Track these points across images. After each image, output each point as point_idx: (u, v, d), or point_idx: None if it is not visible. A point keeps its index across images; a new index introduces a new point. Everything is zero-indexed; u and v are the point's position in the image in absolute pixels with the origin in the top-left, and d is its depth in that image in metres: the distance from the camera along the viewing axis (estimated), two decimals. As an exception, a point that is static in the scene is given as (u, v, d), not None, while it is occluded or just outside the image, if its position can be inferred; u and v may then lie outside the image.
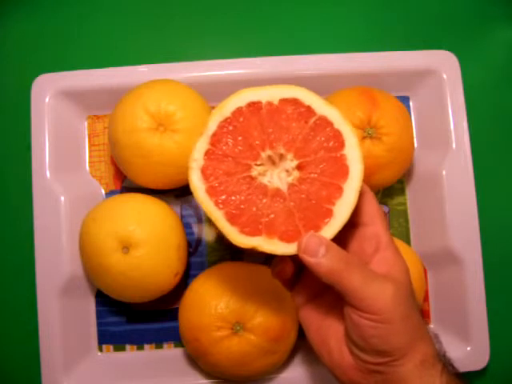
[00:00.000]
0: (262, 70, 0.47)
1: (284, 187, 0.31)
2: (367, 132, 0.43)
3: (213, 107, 0.49)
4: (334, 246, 0.30)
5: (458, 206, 0.45)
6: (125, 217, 0.42)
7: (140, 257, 0.41)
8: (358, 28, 0.53)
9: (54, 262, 0.44)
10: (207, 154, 0.31)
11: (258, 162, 0.31)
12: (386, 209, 0.50)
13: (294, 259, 0.33)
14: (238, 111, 0.31)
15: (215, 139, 0.31)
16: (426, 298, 0.49)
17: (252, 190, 0.31)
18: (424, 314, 0.49)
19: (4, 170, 0.50)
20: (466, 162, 0.46)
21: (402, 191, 0.50)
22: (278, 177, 0.31)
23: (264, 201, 0.31)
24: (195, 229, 0.49)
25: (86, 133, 0.50)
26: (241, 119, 0.31)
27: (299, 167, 0.31)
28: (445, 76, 0.47)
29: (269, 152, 0.31)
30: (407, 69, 0.48)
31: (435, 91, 0.48)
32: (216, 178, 0.31)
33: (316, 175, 0.31)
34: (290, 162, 0.31)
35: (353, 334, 0.30)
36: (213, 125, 0.31)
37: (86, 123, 0.50)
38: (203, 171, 0.31)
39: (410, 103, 0.51)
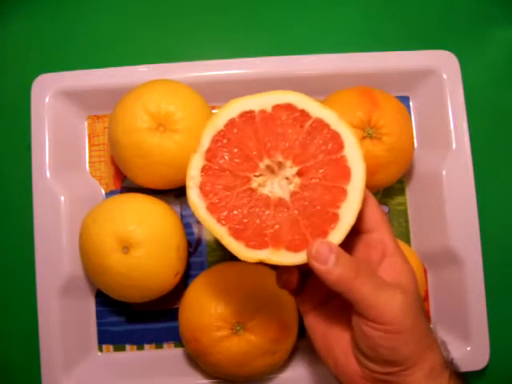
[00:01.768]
0: (261, 69, 0.47)
1: (286, 196, 0.30)
2: (367, 132, 0.43)
3: (213, 107, 0.49)
4: (344, 253, 0.29)
5: (458, 205, 0.45)
6: (125, 217, 0.42)
7: (140, 257, 0.41)
8: (358, 28, 0.53)
9: (54, 262, 0.44)
10: (204, 170, 0.31)
11: (257, 173, 0.31)
12: (385, 209, 0.50)
13: (299, 267, 0.33)
14: (231, 123, 0.31)
15: (210, 154, 0.31)
16: (426, 298, 0.49)
17: (254, 203, 0.30)
18: (424, 314, 0.49)
19: (4, 170, 0.50)
20: (466, 161, 0.46)
21: (402, 191, 0.50)
22: (279, 185, 0.31)
23: (267, 212, 0.30)
24: (195, 229, 0.49)
25: (86, 133, 0.50)
26: (234, 131, 0.31)
27: (300, 173, 0.30)
28: (445, 76, 0.47)
29: (267, 161, 0.31)
30: (407, 69, 0.48)
31: (435, 91, 0.47)
32: (215, 194, 0.30)
33: (318, 180, 0.30)
34: (290, 169, 0.31)
35: (361, 344, 0.30)
36: (206, 140, 0.31)
37: (85, 123, 0.50)
38: (202, 188, 0.30)
39: (410, 103, 0.51)
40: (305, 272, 0.34)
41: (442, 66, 0.47)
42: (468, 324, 0.45)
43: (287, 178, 0.31)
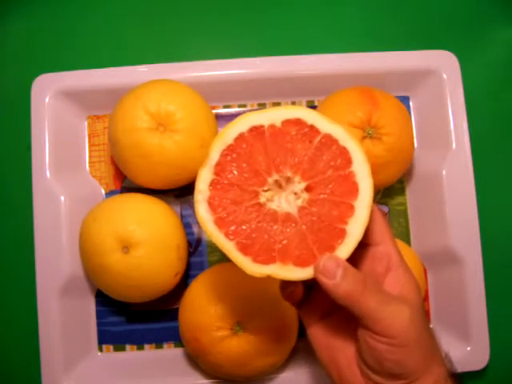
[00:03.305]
0: (261, 69, 0.47)
1: (294, 211, 0.30)
2: (367, 132, 0.43)
3: (213, 107, 0.49)
4: (351, 268, 0.29)
5: (458, 206, 0.45)
6: (125, 217, 0.42)
7: (140, 257, 0.41)
8: (358, 28, 0.53)
9: (54, 262, 0.44)
10: (212, 184, 0.31)
11: (265, 188, 0.31)
12: (385, 209, 0.50)
13: (304, 280, 0.33)
14: (241, 137, 0.31)
15: (219, 168, 0.31)
16: (426, 298, 0.49)
17: (262, 217, 0.30)
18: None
19: (4, 170, 0.50)
20: (466, 161, 0.46)
21: (402, 191, 0.50)
22: (286, 200, 0.31)
23: (275, 227, 0.30)
24: (195, 229, 0.49)
25: (86, 133, 0.50)
26: (244, 145, 0.31)
27: (308, 189, 0.30)
28: (445, 76, 0.47)
29: (275, 176, 0.31)
30: (407, 69, 0.48)
31: (435, 91, 0.48)
32: (224, 209, 0.30)
33: (326, 195, 0.30)
34: (298, 185, 0.31)
35: (366, 357, 0.30)
36: (215, 154, 0.31)
37: (85, 123, 0.50)
38: (210, 202, 0.30)
39: (410, 103, 0.51)
40: (309, 284, 0.34)
41: (442, 66, 0.47)
42: (468, 324, 0.45)
43: (295, 193, 0.31)
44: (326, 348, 0.33)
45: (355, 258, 0.32)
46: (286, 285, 0.33)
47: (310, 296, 0.34)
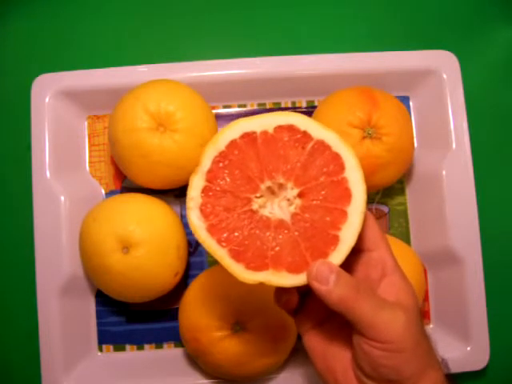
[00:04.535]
0: (261, 69, 0.47)
1: (287, 217, 0.30)
2: (367, 132, 0.43)
3: (213, 107, 0.49)
4: (345, 273, 0.29)
5: (458, 206, 0.45)
6: (125, 217, 0.42)
7: (140, 257, 0.41)
8: (358, 28, 0.53)
9: (54, 262, 0.44)
10: (204, 191, 0.30)
11: (258, 195, 0.30)
12: (385, 209, 0.50)
13: (298, 288, 0.32)
14: (233, 144, 0.30)
15: (211, 175, 0.30)
16: (426, 298, 0.49)
17: (254, 224, 0.30)
18: (424, 314, 0.49)
19: (4, 170, 0.50)
20: (466, 162, 0.46)
21: (402, 191, 0.50)
22: (279, 206, 0.30)
23: (268, 234, 0.30)
24: (195, 229, 0.49)
25: (86, 133, 0.50)
26: (236, 152, 0.30)
27: (301, 195, 0.30)
28: (445, 76, 0.47)
29: (268, 183, 0.30)
30: (407, 69, 0.48)
31: (435, 91, 0.48)
32: (216, 216, 0.30)
33: (318, 202, 0.30)
34: (291, 191, 0.30)
35: (362, 363, 0.30)
36: (207, 160, 0.30)
37: (85, 123, 0.50)
38: (202, 210, 0.30)
39: (410, 103, 0.51)
40: (303, 292, 0.34)
41: (442, 66, 0.47)
42: (468, 324, 0.45)
43: (288, 200, 0.30)
44: (321, 355, 0.32)
45: (349, 265, 0.32)
46: (281, 293, 0.33)
47: (305, 304, 0.34)
